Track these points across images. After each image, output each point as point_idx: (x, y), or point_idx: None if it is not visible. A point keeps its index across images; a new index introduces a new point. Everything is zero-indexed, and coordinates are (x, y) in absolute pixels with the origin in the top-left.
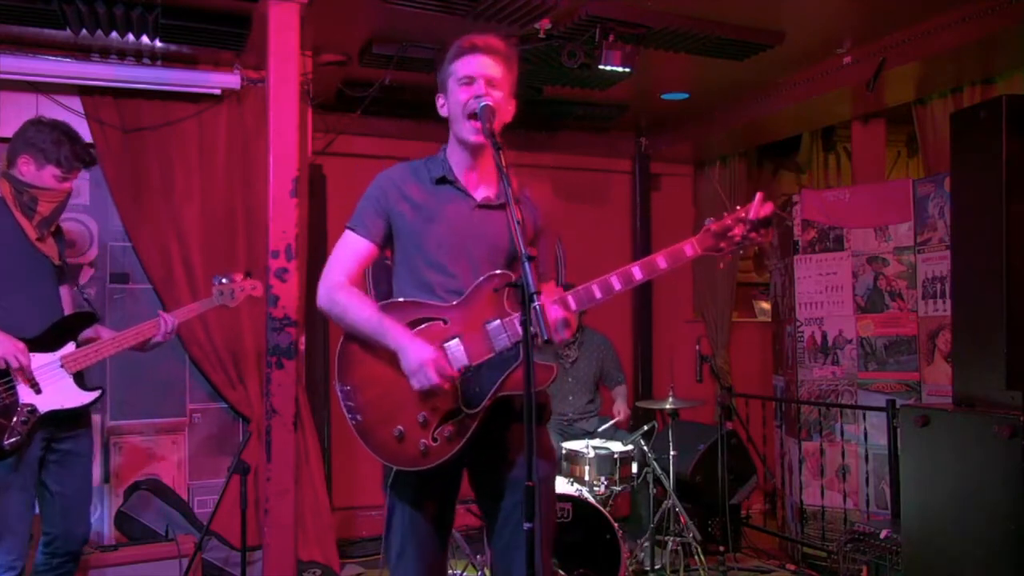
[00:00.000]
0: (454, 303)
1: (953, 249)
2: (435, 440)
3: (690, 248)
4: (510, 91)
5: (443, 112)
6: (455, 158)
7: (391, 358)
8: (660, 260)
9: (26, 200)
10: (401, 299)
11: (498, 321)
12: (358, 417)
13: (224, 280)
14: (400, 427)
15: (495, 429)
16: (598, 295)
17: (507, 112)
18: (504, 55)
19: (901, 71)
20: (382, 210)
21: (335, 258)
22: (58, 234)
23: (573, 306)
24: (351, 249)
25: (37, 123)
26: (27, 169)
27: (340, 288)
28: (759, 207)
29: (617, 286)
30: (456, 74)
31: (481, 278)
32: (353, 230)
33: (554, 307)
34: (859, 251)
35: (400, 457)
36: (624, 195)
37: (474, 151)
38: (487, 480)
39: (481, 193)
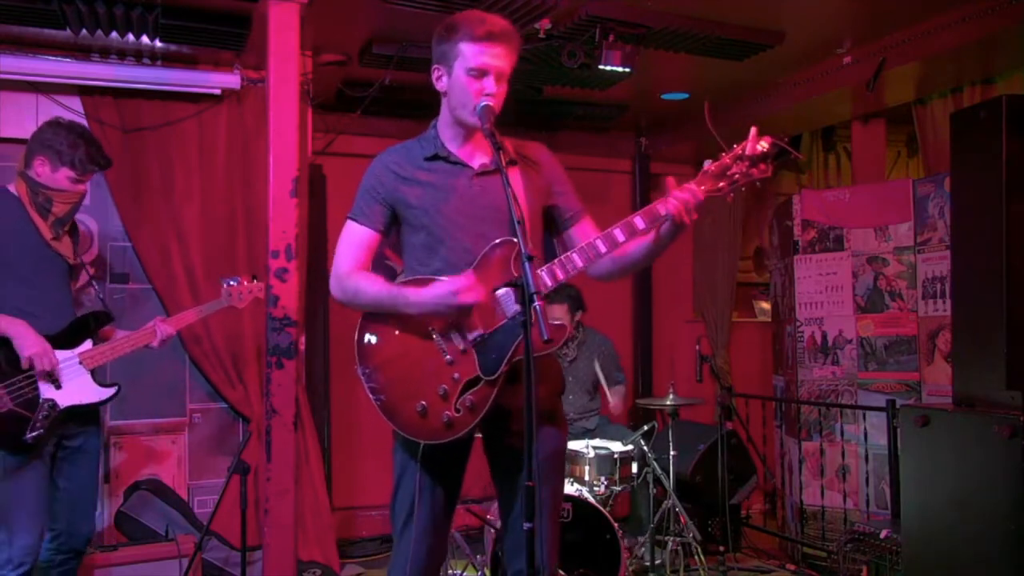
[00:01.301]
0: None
1: (953, 249)
2: (458, 411)
3: (689, 192)
4: (510, 76)
5: (439, 85)
6: (448, 133)
7: (408, 335)
8: (660, 207)
9: (41, 200)
10: (411, 277)
11: (506, 288)
12: (381, 397)
13: (232, 282)
14: (423, 402)
15: (510, 397)
16: (603, 248)
17: (502, 101)
18: (515, 40)
19: (901, 71)
20: (380, 197)
21: (341, 249)
22: (73, 232)
23: (580, 263)
24: (355, 239)
25: (54, 124)
26: (42, 170)
27: (349, 275)
28: (754, 142)
29: (621, 237)
30: (467, 61)
31: (487, 247)
32: (355, 220)
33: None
34: (859, 251)
35: (425, 431)
36: (624, 195)
37: (470, 128)
38: (499, 450)
39: (477, 161)
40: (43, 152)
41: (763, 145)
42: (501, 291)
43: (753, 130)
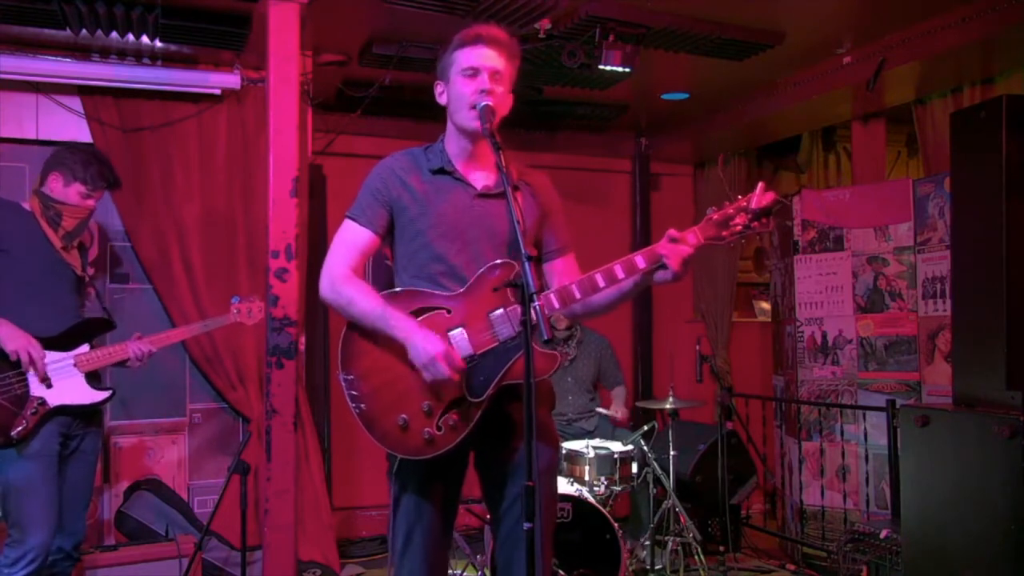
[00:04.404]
0: (457, 292)
1: (953, 249)
2: (439, 429)
3: (692, 237)
4: (510, 83)
5: (442, 100)
6: (454, 148)
7: (395, 347)
8: (662, 250)
9: (52, 215)
10: (404, 289)
11: (501, 310)
12: (362, 406)
13: (242, 302)
14: (404, 416)
15: (499, 415)
16: (601, 283)
17: (506, 105)
18: (507, 46)
19: (901, 71)
20: (384, 200)
21: (337, 248)
22: (82, 247)
23: (578, 295)
24: (353, 239)
25: (71, 146)
26: (56, 186)
27: (344, 280)
28: (760, 196)
29: (621, 275)
30: (459, 64)
31: (483, 268)
32: (355, 220)
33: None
34: (859, 251)
35: (404, 446)
36: (624, 195)
37: (474, 139)
38: (490, 464)
39: (481, 182)
40: (57, 169)
41: (767, 199)
42: (495, 314)
43: (760, 184)
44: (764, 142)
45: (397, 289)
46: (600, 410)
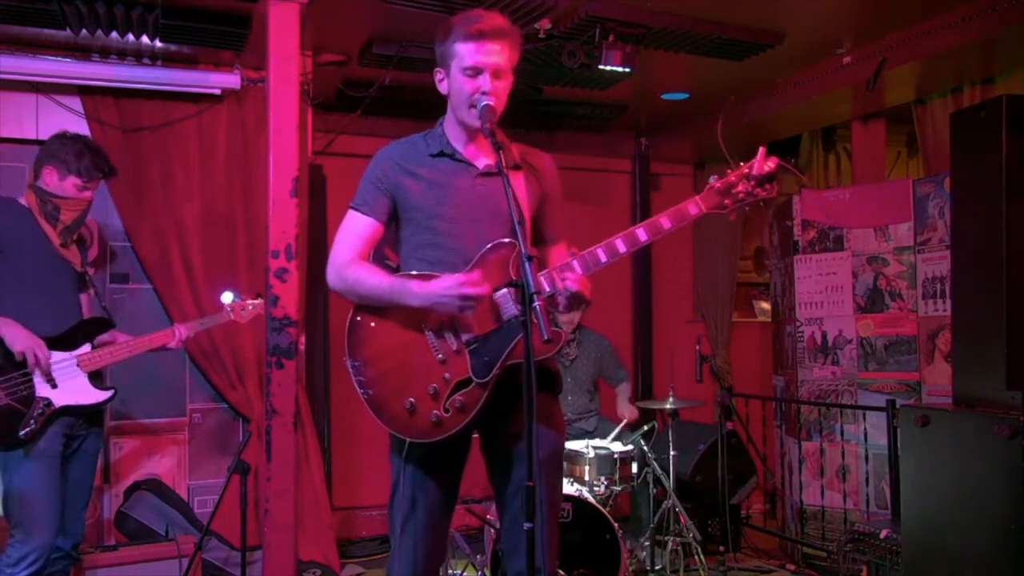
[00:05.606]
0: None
1: (953, 249)
2: (447, 411)
3: (694, 207)
4: (512, 70)
5: (442, 88)
6: (453, 132)
7: (401, 330)
8: (664, 220)
9: (49, 209)
10: (411, 272)
11: (505, 290)
12: (369, 391)
13: (236, 300)
14: (411, 399)
15: (504, 398)
16: (603, 258)
17: (507, 93)
18: (510, 35)
19: (901, 71)
20: (384, 188)
21: (341, 238)
22: (80, 243)
23: (579, 270)
24: (356, 228)
25: (61, 136)
26: (51, 179)
27: (349, 264)
28: (762, 162)
29: (622, 248)
30: (462, 60)
31: (487, 247)
32: (357, 209)
33: (570, 276)
34: (859, 251)
35: (412, 429)
36: (624, 195)
37: (474, 129)
38: (495, 448)
39: (482, 162)
40: (51, 162)
41: (770, 165)
42: (499, 293)
43: (761, 150)
44: (764, 142)
45: (403, 273)
46: (618, 430)
